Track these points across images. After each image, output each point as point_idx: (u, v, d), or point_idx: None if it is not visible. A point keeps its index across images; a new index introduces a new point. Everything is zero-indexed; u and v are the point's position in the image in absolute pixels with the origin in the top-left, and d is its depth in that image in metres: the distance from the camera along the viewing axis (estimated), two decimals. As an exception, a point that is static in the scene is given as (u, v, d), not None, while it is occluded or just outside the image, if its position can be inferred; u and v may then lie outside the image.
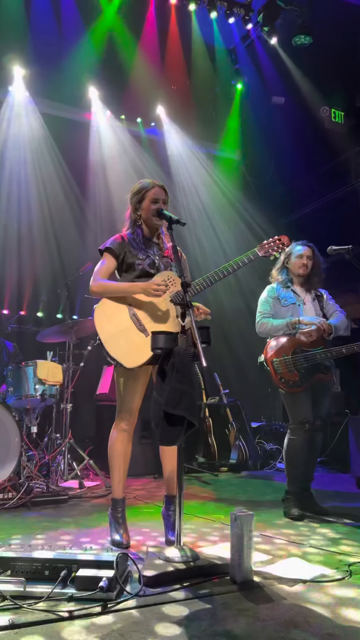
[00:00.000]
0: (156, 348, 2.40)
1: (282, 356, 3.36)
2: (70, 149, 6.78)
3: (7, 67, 6.22)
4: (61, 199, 6.69)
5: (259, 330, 3.53)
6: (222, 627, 1.68)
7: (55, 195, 6.65)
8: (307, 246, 3.56)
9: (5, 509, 3.47)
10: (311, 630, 1.66)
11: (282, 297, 3.54)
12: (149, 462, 5.02)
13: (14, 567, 1.99)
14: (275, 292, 3.57)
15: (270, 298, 3.56)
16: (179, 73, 7.06)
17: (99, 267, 2.80)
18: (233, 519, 2.15)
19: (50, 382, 4.24)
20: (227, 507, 3.66)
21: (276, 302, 3.54)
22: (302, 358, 3.33)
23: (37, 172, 6.58)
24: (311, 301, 3.55)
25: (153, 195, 2.82)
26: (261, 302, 3.58)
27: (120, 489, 2.75)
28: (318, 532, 2.96)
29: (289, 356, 3.36)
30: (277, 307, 3.53)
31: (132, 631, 1.65)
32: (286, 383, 3.34)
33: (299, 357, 3.34)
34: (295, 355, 3.35)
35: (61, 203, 6.69)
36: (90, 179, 6.97)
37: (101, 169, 7.00)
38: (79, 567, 1.96)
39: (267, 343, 3.50)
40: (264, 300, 3.58)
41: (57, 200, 6.66)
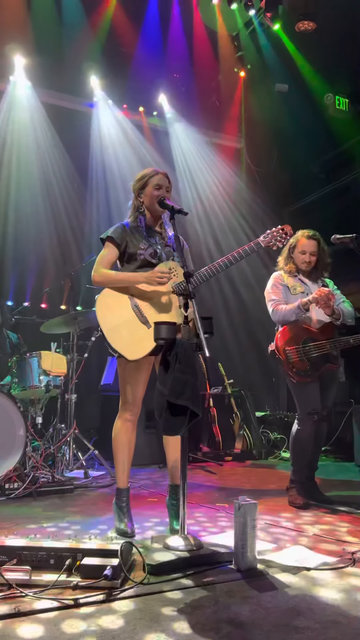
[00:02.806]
0: (159, 338, 2.40)
1: (293, 345, 3.36)
2: (72, 139, 6.74)
3: (8, 56, 6.18)
4: (63, 190, 6.67)
5: (274, 317, 3.49)
6: (226, 615, 1.70)
7: (57, 186, 6.63)
8: (312, 239, 3.52)
9: (11, 498, 3.50)
10: (315, 618, 1.67)
11: (290, 285, 3.52)
12: (154, 452, 5.04)
13: (20, 556, 2.01)
14: (283, 280, 3.55)
15: (280, 285, 3.53)
16: (181, 61, 6.99)
17: (100, 257, 2.79)
18: (237, 507, 2.16)
19: (54, 373, 4.25)
20: (232, 496, 3.68)
21: (285, 290, 3.52)
22: (312, 347, 3.33)
23: (39, 163, 6.55)
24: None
25: (156, 182, 2.80)
26: (270, 289, 3.55)
27: (124, 478, 2.77)
28: (322, 520, 2.97)
29: (300, 345, 3.35)
30: (287, 294, 3.51)
31: (136, 618, 1.66)
32: (297, 373, 3.33)
33: (310, 347, 3.33)
34: (306, 344, 3.35)
35: (63, 193, 6.67)
36: (93, 168, 6.95)
37: (103, 159, 6.97)
38: (84, 556, 1.98)
39: (278, 332, 3.49)
40: (274, 287, 3.54)
41: (59, 190, 6.64)
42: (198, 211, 7.32)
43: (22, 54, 6.21)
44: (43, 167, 6.56)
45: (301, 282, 3.55)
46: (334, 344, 3.32)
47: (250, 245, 2.76)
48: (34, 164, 6.52)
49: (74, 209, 6.74)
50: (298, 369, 3.33)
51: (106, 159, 6.96)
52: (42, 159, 6.57)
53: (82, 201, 6.84)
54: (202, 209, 7.39)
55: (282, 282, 3.54)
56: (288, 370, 3.36)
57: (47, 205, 6.53)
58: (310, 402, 3.34)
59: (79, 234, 6.67)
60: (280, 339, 3.44)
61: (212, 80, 7.41)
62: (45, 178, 6.56)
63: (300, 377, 3.33)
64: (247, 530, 2.12)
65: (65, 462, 4.46)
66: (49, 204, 6.54)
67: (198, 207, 7.34)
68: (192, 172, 7.45)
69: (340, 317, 3.38)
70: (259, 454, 5.78)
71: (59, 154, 6.68)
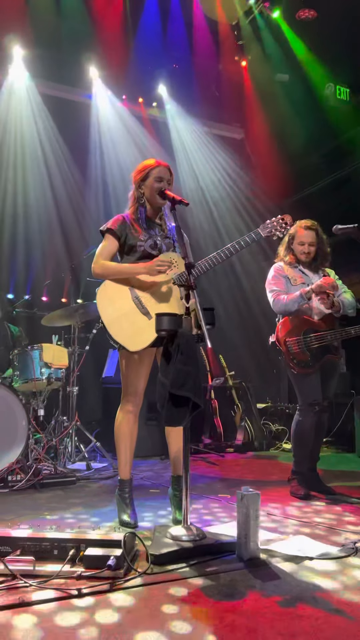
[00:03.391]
0: (160, 330, 2.39)
1: (294, 336, 3.36)
2: (71, 130, 6.71)
3: (6, 47, 6.13)
4: (63, 182, 6.65)
5: (275, 308, 3.47)
6: (230, 604, 1.70)
7: (56, 178, 6.60)
8: (310, 229, 3.50)
9: (14, 490, 3.51)
10: (318, 606, 1.68)
11: (291, 276, 3.51)
12: (156, 444, 5.06)
13: (24, 546, 2.02)
14: (283, 271, 3.53)
15: (280, 276, 3.52)
16: (181, 51, 6.93)
17: (100, 249, 2.78)
18: (239, 498, 2.16)
19: (56, 366, 4.25)
20: (234, 487, 3.68)
21: (286, 280, 3.51)
22: (313, 338, 3.32)
23: (38, 154, 6.53)
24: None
25: (157, 174, 2.78)
26: (272, 280, 3.54)
27: (127, 470, 2.78)
28: (324, 510, 2.98)
29: (301, 336, 3.35)
30: (287, 285, 3.49)
31: (140, 608, 1.67)
32: (298, 364, 3.33)
33: (311, 338, 3.33)
34: (307, 335, 3.34)
35: (63, 186, 6.65)
36: (92, 160, 6.92)
37: (102, 150, 6.94)
38: (87, 547, 1.99)
39: (279, 323, 3.48)
40: (274, 278, 3.53)
41: (59, 183, 6.61)
42: (198, 202, 7.29)
43: (20, 45, 6.17)
44: (42, 159, 6.54)
45: (302, 273, 3.54)
46: (335, 335, 3.33)
47: (250, 235, 2.75)
48: (33, 156, 6.49)
49: (74, 201, 6.72)
50: (299, 360, 3.33)
51: (105, 151, 6.93)
52: (41, 151, 6.54)
53: (82, 193, 6.82)
54: (202, 200, 7.35)
55: (282, 273, 3.53)
56: (289, 361, 3.36)
57: (47, 197, 6.51)
58: (311, 393, 3.34)
59: (79, 226, 6.65)
60: (281, 330, 3.43)
61: (212, 70, 7.34)
62: (44, 170, 6.53)
63: (301, 369, 3.33)
64: (249, 521, 2.12)
65: (68, 454, 4.47)
66: (49, 196, 6.52)
67: (197, 199, 7.31)
68: (192, 163, 7.42)
69: (340, 309, 3.38)
70: (261, 445, 5.80)
71: (58, 146, 6.65)
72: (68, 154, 6.71)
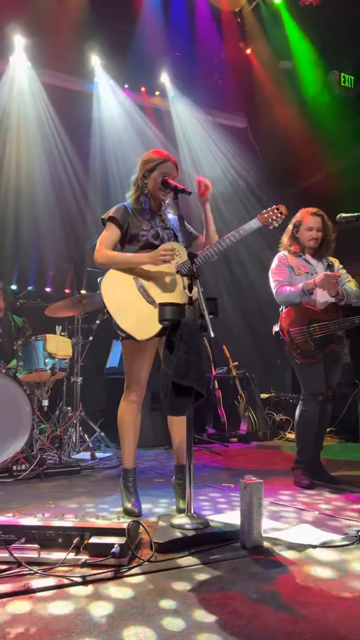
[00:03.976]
0: (164, 320, 2.39)
1: (297, 326, 3.35)
2: (73, 120, 6.67)
3: (8, 36, 6.09)
4: (65, 172, 6.62)
5: (278, 298, 3.46)
6: (233, 591, 1.71)
7: (59, 168, 6.58)
8: (317, 216, 3.50)
9: (19, 480, 3.54)
10: (321, 594, 1.69)
11: (295, 266, 3.49)
12: (160, 434, 5.07)
13: (28, 534, 2.04)
14: (287, 261, 3.52)
15: (284, 266, 3.51)
16: (183, 39, 6.86)
17: (102, 238, 2.77)
18: (243, 486, 2.17)
19: (59, 356, 4.27)
20: (237, 476, 3.69)
21: (290, 270, 3.49)
22: (317, 328, 3.31)
23: (40, 144, 6.50)
24: (323, 270, 3.50)
25: (164, 169, 2.77)
26: (275, 270, 3.52)
27: (130, 459, 2.79)
28: (327, 499, 2.99)
29: (304, 326, 3.34)
30: (291, 275, 3.48)
31: (144, 595, 1.68)
32: (301, 354, 3.32)
33: (314, 327, 3.32)
34: (310, 325, 3.33)
35: (65, 176, 6.62)
36: (94, 149, 6.88)
37: (105, 140, 6.90)
38: (92, 535, 2.00)
39: (282, 313, 3.47)
40: (278, 268, 3.52)
41: (61, 173, 6.59)
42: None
43: (22, 33, 6.12)
44: (44, 149, 6.52)
45: (306, 262, 3.52)
46: (338, 325, 3.31)
47: (249, 225, 2.76)
48: (35, 146, 6.47)
49: (77, 191, 6.70)
50: (302, 349, 3.32)
51: (108, 140, 6.90)
52: (42, 141, 6.52)
53: (84, 183, 6.79)
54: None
55: (286, 263, 3.51)
56: (292, 351, 3.35)
57: (49, 187, 6.50)
58: (314, 383, 3.34)
59: (82, 217, 6.64)
60: (285, 320, 3.42)
61: (215, 58, 7.27)
62: (46, 160, 6.51)
63: (304, 358, 3.33)
64: (253, 509, 2.13)
65: (72, 444, 4.49)
66: (51, 187, 6.50)
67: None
68: (194, 152, 7.37)
69: (344, 297, 3.37)
70: (264, 435, 5.82)
71: (60, 136, 6.62)
72: (70, 144, 6.68)
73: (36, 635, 1.43)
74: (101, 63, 6.73)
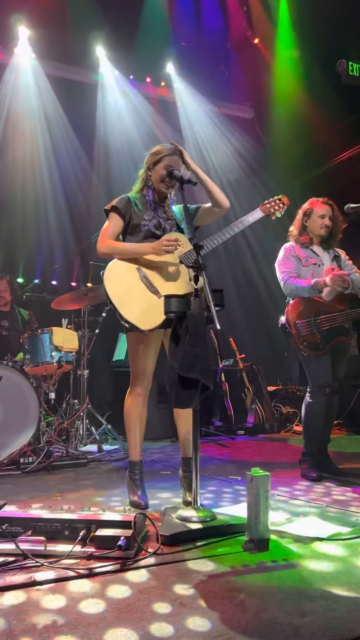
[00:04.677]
0: (169, 312, 2.37)
1: (305, 318, 3.32)
2: (78, 111, 6.63)
3: (12, 28, 6.05)
4: (70, 164, 6.60)
5: (285, 290, 3.42)
6: (240, 584, 1.71)
7: (64, 160, 6.55)
8: (327, 204, 3.46)
9: (26, 472, 3.55)
10: (328, 587, 1.68)
11: (302, 256, 3.46)
12: (166, 426, 5.08)
13: (35, 527, 2.04)
14: (294, 251, 3.48)
15: (292, 256, 3.47)
16: (189, 29, 6.79)
17: (105, 228, 2.76)
18: (250, 479, 2.16)
19: (66, 349, 4.27)
20: (244, 469, 3.69)
21: (297, 261, 3.45)
22: (324, 320, 3.28)
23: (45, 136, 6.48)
24: (330, 261, 3.47)
25: (168, 162, 2.75)
26: (282, 261, 3.48)
27: (137, 452, 2.79)
28: (334, 492, 2.97)
29: (311, 318, 3.31)
30: (298, 266, 3.44)
31: (150, 587, 1.68)
32: (308, 346, 3.30)
33: (321, 319, 3.29)
34: (317, 317, 3.30)
35: (71, 168, 6.60)
36: (99, 141, 6.85)
37: (110, 131, 6.86)
38: (98, 527, 2.00)
39: (289, 304, 3.44)
40: (285, 259, 3.47)
41: (67, 165, 6.57)
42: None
43: (26, 25, 6.09)
44: (49, 141, 6.49)
45: (313, 252, 3.49)
46: (346, 316, 3.28)
47: (252, 215, 2.76)
48: (40, 138, 6.45)
49: (82, 183, 6.67)
50: (309, 342, 3.30)
51: (113, 131, 6.85)
52: (47, 133, 6.50)
53: (89, 175, 6.76)
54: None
55: (293, 254, 3.48)
56: (299, 343, 3.33)
57: (54, 180, 6.47)
58: (321, 375, 3.32)
59: (87, 209, 6.61)
60: (291, 312, 3.39)
61: (220, 48, 7.19)
62: (51, 152, 6.48)
63: (311, 351, 3.30)
64: (260, 502, 2.12)
65: (79, 436, 4.51)
66: (56, 179, 6.48)
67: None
68: (200, 143, 7.32)
69: (349, 285, 3.30)
70: (271, 427, 5.80)
71: (65, 127, 6.59)
72: (75, 134, 6.65)
73: (43, 628, 1.43)
74: (106, 54, 6.67)
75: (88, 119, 6.75)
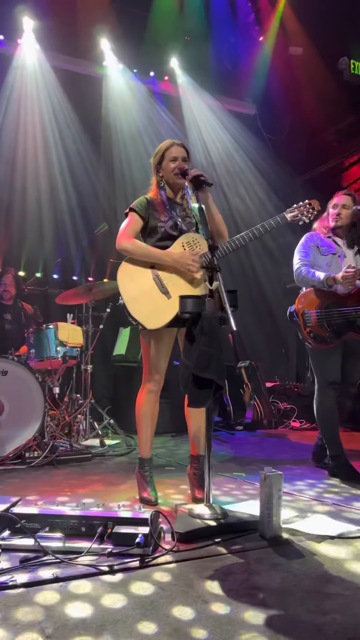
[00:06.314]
0: (184, 312, 2.40)
1: (314, 308, 3.25)
2: (82, 104, 6.59)
3: (17, 18, 6.00)
4: (75, 159, 6.56)
5: (296, 278, 3.36)
6: (258, 581, 1.75)
7: (69, 155, 6.52)
8: (346, 195, 3.35)
9: (32, 467, 3.57)
10: (345, 585, 1.72)
11: (321, 245, 3.36)
12: (166, 421, 5.09)
13: (52, 524, 2.07)
14: (315, 240, 3.39)
15: (311, 244, 3.38)
16: (193, 23, 6.76)
17: (125, 225, 2.77)
18: (262, 478, 2.20)
19: (71, 344, 4.28)
20: (247, 465, 3.75)
21: (315, 250, 3.36)
22: (336, 313, 3.20)
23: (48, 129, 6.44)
24: (353, 255, 3.36)
25: (171, 154, 2.77)
26: (300, 249, 3.40)
27: (147, 448, 2.82)
28: (339, 489, 3.02)
29: (322, 310, 3.23)
30: (315, 255, 3.36)
31: (172, 584, 1.72)
32: (315, 338, 3.22)
33: (333, 312, 3.20)
34: (330, 309, 3.22)
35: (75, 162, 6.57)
36: (103, 135, 6.81)
37: (114, 125, 6.83)
38: (115, 524, 2.03)
39: (301, 293, 3.36)
40: (303, 247, 3.39)
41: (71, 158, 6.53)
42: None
43: (30, 15, 6.03)
44: (52, 134, 6.44)
45: (335, 243, 3.37)
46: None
47: (275, 219, 2.71)
48: (43, 131, 6.40)
49: (86, 177, 6.64)
50: (316, 333, 3.22)
51: (117, 126, 6.82)
52: (51, 125, 6.45)
53: (93, 169, 6.73)
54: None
55: (312, 242, 3.39)
56: (305, 334, 3.25)
57: (58, 173, 6.44)
58: (329, 372, 3.25)
59: (91, 203, 6.59)
60: (301, 301, 3.32)
61: (225, 43, 7.17)
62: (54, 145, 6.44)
63: (317, 343, 3.23)
64: (272, 500, 2.16)
65: (82, 431, 4.53)
66: (60, 172, 6.45)
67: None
68: (204, 138, 7.30)
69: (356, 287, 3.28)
70: (269, 423, 5.86)
71: (69, 120, 6.55)
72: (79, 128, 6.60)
73: (72, 624, 1.46)
74: (111, 47, 6.62)
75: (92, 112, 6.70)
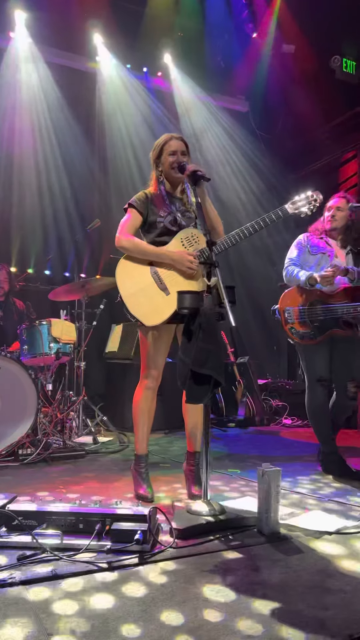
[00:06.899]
0: (182, 308, 2.39)
1: (296, 305, 3.29)
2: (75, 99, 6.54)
3: (7, 12, 5.93)
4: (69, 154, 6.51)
5: (285, 277, 3.40)
6: (258, 577, 1.75)
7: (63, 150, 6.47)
8: (340, 198, 3.38)
9: (25, 464, 3.54)
10: (345, 580, 1.73)
11: (312, 245, 3.39)
12: (159, 418, 5.02)
13: (50, 520, 2.05)
14: (306, 241, 3.42)
15: (301, 246, 3.41)
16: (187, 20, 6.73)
17: (124, 222, 2.75)
18: (260, 474, 2.19)
19: (64, 341, 4.25)
20: (241, 462, 3.75)
21: (305, 250, 3.39)
22: (319, 310, 3.23)
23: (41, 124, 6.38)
24: (345, 255, 3.37)
25: (170, 148, 2.76)
26: (291, 248, 3.45)
27: (144, 445, 2.81)
28: (333, 485, 3.04)
29: (304, 306, 3.27)
30: (305, 255, 3.39)
31: (172, 581, 1.71)
32: (296, 334, 3.27)
33: (316, 309, 3.23)
34: (313, 306, 3.25)
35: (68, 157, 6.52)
36: (96, 131, 6.77)
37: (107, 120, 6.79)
38: (113, 521, 2.01)
39: (285, 291, 3.40)
40: (294, 246, 3.44)
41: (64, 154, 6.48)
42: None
43: (23, 8, 5.97)
44: (45, 130, 6.39)
45: (326, 243, 3.39)
46: (347, 310, 3.19)
47: (276, 212, 2.69)
48: (35, 126, 6.34)
49: (78, 172, 6.60)
50: (297, 330, 3.27)
51: (110, 120, 6.78)
52: (43, 120, 6.39)
53: (86, 164, 6.68)
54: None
55: (303, 242, 3.42)
56: (286, 330, 3.30)
57: (50, 169, 6.39)
58: (317, 369, 3.28)
59: (84, 199, 6.55)
60: (284, 298, 3.37)
61: (218, 39, 7.15)
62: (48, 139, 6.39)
63: (301, 340, 3.28)
64: (271, 497, 2.16)
65: (75, 428, 4.50)
66: (52, 168, 6.40)
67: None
68: (196, 134, 7.28)
69: (354, 278, 3.22)
70: (261, 420, 5.87)
71: (62, 114, 6.49)
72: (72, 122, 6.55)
73: (72, 622, 1.45)
74: (104, 42, 6.58)
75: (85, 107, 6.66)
